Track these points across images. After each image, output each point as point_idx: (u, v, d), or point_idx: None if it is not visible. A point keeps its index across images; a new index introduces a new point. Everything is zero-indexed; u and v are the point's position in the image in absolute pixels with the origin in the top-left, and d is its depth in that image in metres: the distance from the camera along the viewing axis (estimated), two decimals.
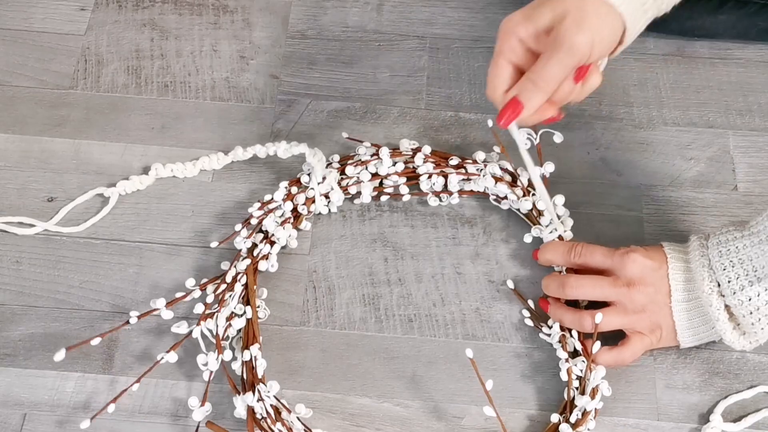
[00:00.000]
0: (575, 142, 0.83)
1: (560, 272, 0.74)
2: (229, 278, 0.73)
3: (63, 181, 0.80)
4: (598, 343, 0.69)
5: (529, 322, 0.74)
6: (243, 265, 0.73)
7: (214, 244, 0.76)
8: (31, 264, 0.77)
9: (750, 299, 0.65)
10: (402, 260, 0.77)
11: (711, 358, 0.73)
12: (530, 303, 0.74)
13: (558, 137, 0.76)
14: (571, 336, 0.71)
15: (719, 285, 0.66)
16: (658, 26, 0.86)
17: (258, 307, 0.73)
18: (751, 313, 0.65)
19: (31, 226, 0.78)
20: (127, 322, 0.71)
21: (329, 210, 0.79)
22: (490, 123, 0.81)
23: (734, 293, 0.65)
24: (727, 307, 0.67)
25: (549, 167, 0.77)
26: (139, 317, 0.71)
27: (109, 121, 0.84)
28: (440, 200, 0.79)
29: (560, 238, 0.75)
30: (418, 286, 0.76)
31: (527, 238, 0.77)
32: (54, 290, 0.75)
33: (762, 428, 0.70)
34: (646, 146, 0.83)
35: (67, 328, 0.74)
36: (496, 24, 0.90)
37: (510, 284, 0.76)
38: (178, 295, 0.72)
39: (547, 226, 0.75)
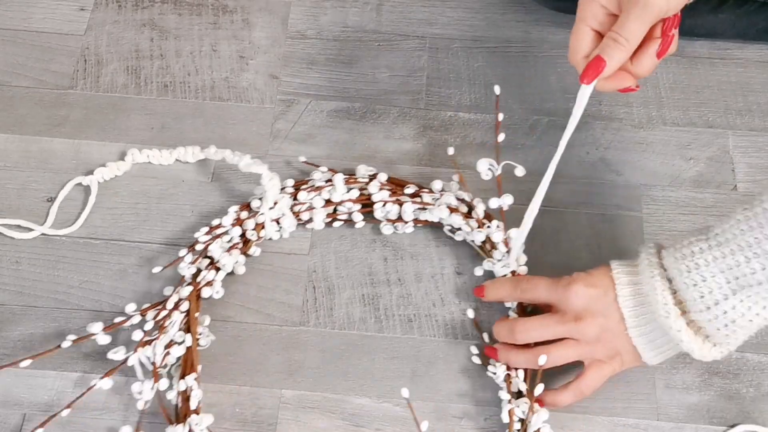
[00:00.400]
0: (575, 142, 0.83)
1: (509, 309, 0.73)
2: (170, 304, 0.71)
3: (63, 181, 0.80)
4: (541, 386, 0.67)
5: (476, 360, 0.72)
6: (186, 291, 0.72)
7: (156, 270, 0.74)
8: (30, 264, 0.77)
9: (726, 312, 0.61)
10: (402, 260, 0.77)
11: None
12: (485, 337, 0.73)
13: (520, 171, 0.73)
14: (517, 376, 0.69)
15: (681, 302, 0.63)
16: None
17: (200, 334, 0.72)
18: (726, 325, 0.62)
19: (29, 230, 0.78)
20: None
21: (281, 236, 0.77)
22: (450, 151, 0.78)
23: (708, 308, 0.62)
24: (691, 322, 0.64)
25: (507, 200, 0.74)
26: (74, 341, 0.69)
27: (109, 121, 0.84)
28: (395, 229, 0.77)
29: (513, 273, 0.73)
30: (417, 286, 0.76)
31: (478, 271, 0.75)
32: (54, 290, 0.75)
33: None
34: (646, 146, 0.83)
35: (67, 328, 0.74)
36: (496, 24, 0.90)
37: (470, 314, 0.74)
38: (118, 320, 0.71)
39: (499, 260, 0.74)
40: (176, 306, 0.71)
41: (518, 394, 0.69)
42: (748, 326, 0.62)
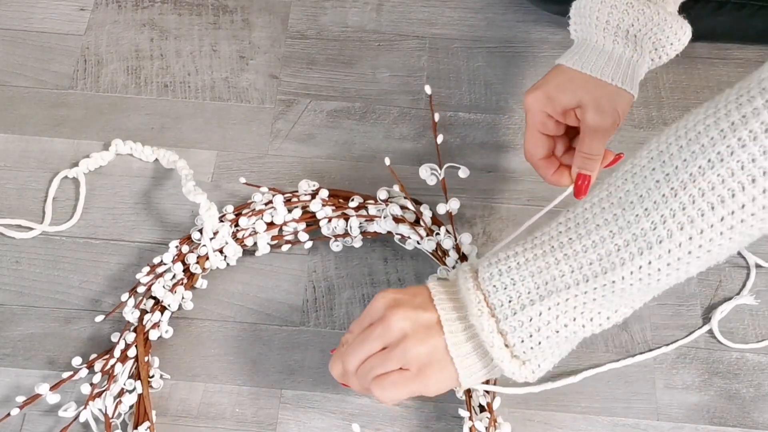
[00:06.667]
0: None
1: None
2: (117, 352, 0.69)
3: (62, 181, 0.80)
4: (497, 400, 0.68)
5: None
6: (131, 337, 0.70)
7: (99, 319, 0.73)
8: (30, 264, 0.77)
9: (531, 320, 0.58)
10: (402, 260, 0.77)
11: (711, 358, 0.73)
12: None
13: (463, 172, 0.73)
14: (477, 391, 0.68)
15: (492, 308, 0.59)
16: None
17: (151, 377, 0.70)
18: (531, 336, 0.58)
19: (29, 229, 0.78)
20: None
21: (227, 264, 0.75)
22: (387, 161, 0.75)
23: (514, 313, 0.58)
24: (501, 332, 0.59)
25: (454, 204, 0.74)
26: (22, 405, 0.67)
27: (109, 121, 0.84)
28: (344, 244, 0.76)
29: None
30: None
31: (430, 280, 0.72)
32: (53, 290, 0.75)
33: None
34: None
35: (67, 328, 0.74)
36: (496, 24, 0.90)
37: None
38: (65, 375, 0.69)
39: (453, 267, 0.72)
40: (124, 353, 0.69)
41: (481, 409, 0.68)
42: (554, 338, 0.58)
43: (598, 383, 0.72)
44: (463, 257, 0.73)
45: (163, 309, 0.72)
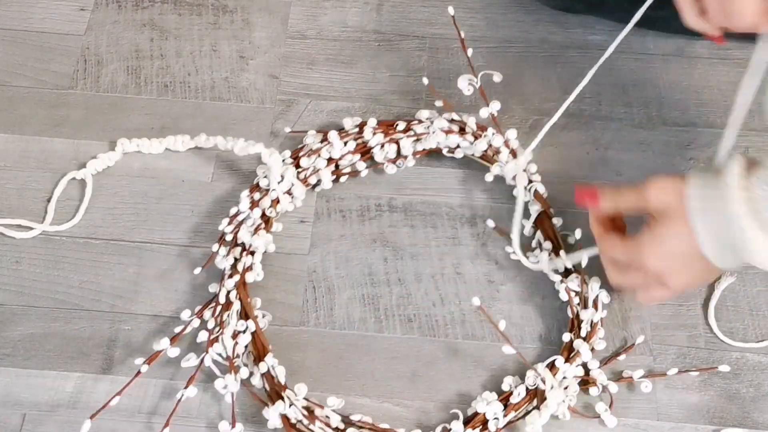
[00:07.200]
0: (575, 142, 0.83)
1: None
2: (222, 298, 0.72)
3: (63, 181, 0.80)
4: (583, 252, 0.72)
5: (515, 256, 0.75)
6: (231, 282, 0.73)
7: (197, 271, 0.74)
8: (30, 264, 0.77)
9: None
10: (401, 260, 0.77)
11: (711, 359, 0.73)
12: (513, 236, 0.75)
13: (497, 77, 0.79)
14: (558, 256, 0.73)
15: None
16: (659, 24, 0.86)
17: (258, 317, 0.73)
18: None
19: (29, 229, 0.78)
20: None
21: (294, 205, 0.79)
22: (425, 81, 0.82)
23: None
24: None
25: (495, 105, 0.79)
26: (146, 361, 0.69)
27: (109, 121, 0.84)
28: (398, 166, 0.80)
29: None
30: (417, 286, 0.76)
31: (488, 177, 0.79)
32: (54, 290, 0.75)
33: None
34: (646, 146, 0.83)
35: (67, 328, 0.74)
36: (496, 24, 0.90)
37: (491, 223, 0.77)
38: (178, 329, 0.71)
39: (506, 162, 0.77)
40: (227, 298, 0.72)
41: (566, 273, 0.74)
42: None
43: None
44: (513, 153, 0.78)
45: (251, 253, 0.74)
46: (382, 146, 0.79)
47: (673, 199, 0.64)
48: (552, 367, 0.70)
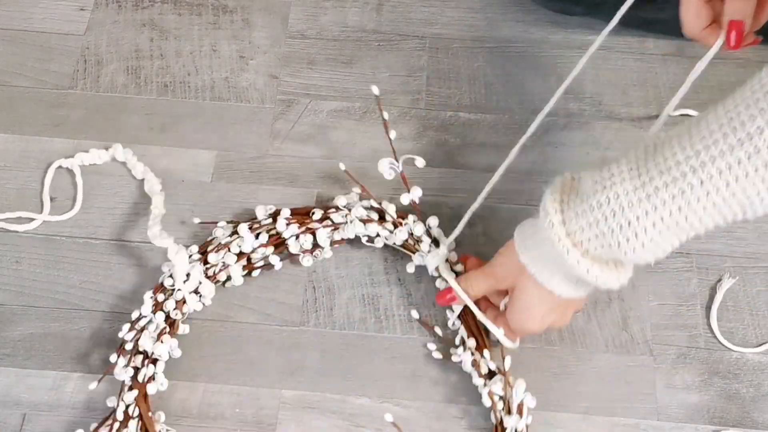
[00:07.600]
0: (575, 142, 0.83)
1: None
2: (120, 415, 0.67)
3: (63, 181, 0.80)
4: (508, 359, 0.68)
5: (438, 355, 0.72)
6: (131, 396, 0.68)
7: (92, 386, 0.69)
8: (30, 264, 0.77)
9: (600, 204, 0.56)
10: (402, 260, 0.77)
11: (711, 358, 0.73)
12: (437, 331, 0.73)
13: (420, 162, 0.74)
14: (483, 357, 0.69)
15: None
16: (659, 26, 0.86)
17: None
18: (614, 214, 0.55)
19: (30, 220, 0.78)
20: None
21: (203, 305, 0.73)
22: (342, 167, 0.77)
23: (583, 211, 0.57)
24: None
25: (417, 192, 0.74)
26: None
27: (109, 121, 0.84)
28: (315, 257, 0.76)
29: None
30: (417, 286, 0.76)
31: (410, 268, 0.75)
32: (54, 290, 0.75)
33: None
34: None
35: (67, 328, 0.74)
36: (496, 24, 0.90)
37: (414, 314, 0.74)
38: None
39: (428, 251, 0.73)
40: (126, 414, 0.67)
41: (490, 375, 0.69)
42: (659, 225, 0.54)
43: (598, 383, 0.72)
44: (435, 242, 0.74)
45: (154, 362, 0.70)
46: (297, 237, 0.75)
47: (513, 264, 0.64)
48: None
